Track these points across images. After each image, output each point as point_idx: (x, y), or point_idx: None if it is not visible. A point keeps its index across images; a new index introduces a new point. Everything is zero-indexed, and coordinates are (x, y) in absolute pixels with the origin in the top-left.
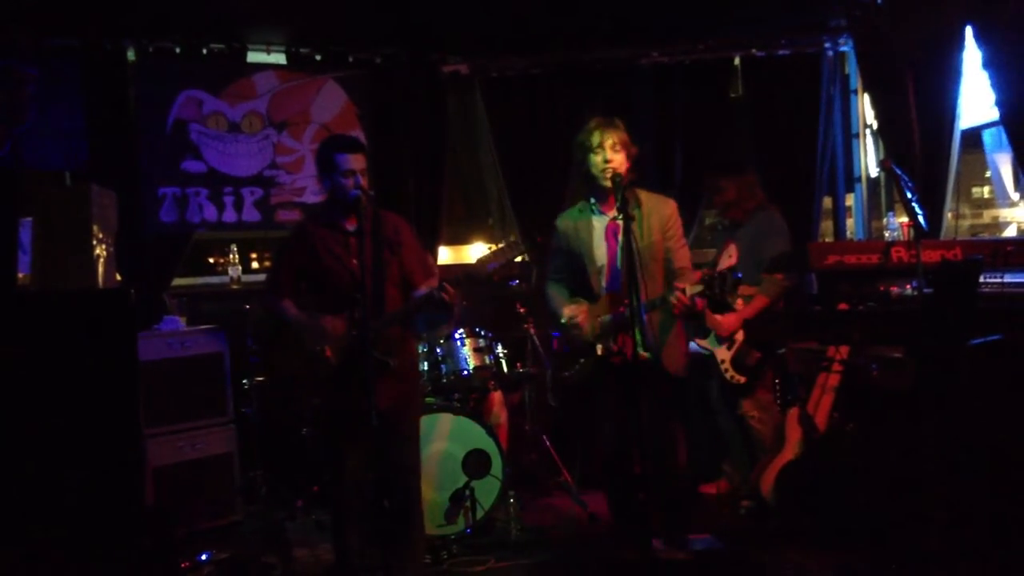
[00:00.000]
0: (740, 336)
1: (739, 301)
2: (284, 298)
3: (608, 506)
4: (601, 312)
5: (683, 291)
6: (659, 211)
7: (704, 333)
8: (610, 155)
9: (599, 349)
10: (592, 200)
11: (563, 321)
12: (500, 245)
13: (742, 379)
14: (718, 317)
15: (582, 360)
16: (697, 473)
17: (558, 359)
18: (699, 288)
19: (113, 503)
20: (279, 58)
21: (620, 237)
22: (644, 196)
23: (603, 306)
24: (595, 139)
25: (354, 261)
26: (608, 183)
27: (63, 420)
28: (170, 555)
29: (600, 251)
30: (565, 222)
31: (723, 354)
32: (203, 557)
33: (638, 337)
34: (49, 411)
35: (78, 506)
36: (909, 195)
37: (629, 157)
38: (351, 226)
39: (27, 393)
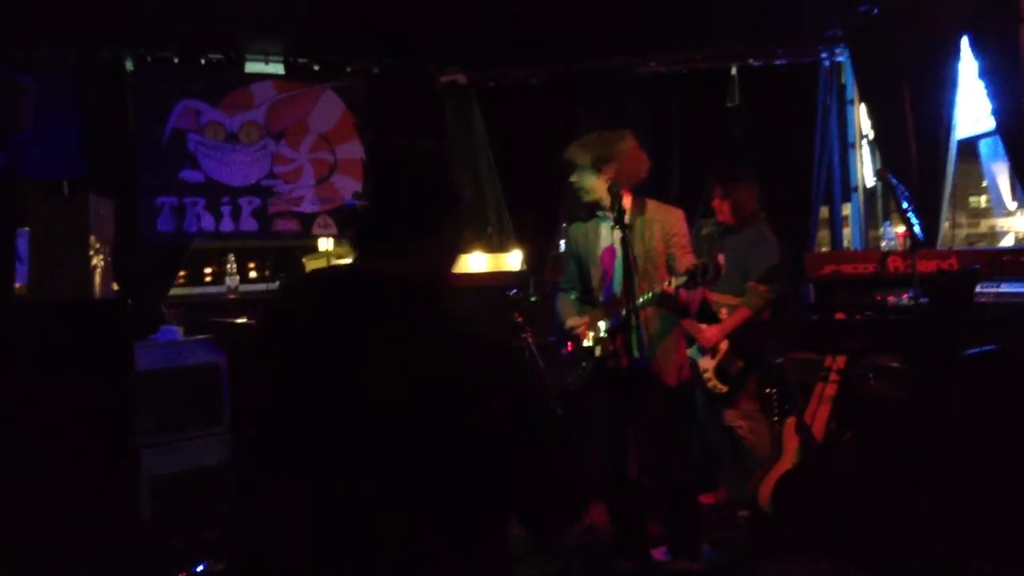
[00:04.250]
0: (724, 346)
1: (723, 311)
2: None
3: (608, 514)
4: (601, 317)
5: (669, 283)
6: (662, 219)
7: (688, 343)
8: (572, 178)
9: (597, 351)
10: (601, 209)
11: (566, 329)
12: None
13: (724, 388)
14: (702, 327)
15: (583, 364)
16: (694, 483)
17: (564, 367)
18: (683, 279)
19: (108, 514)
20: (277, 68)
21: (617, 245)
22: (651, 205)
23: (603, 312)
24: None
25: None
26: (584, 200)
27: (59, 430)
28: (166, 566)
29: (600, 255)
30: (576, 228)
31: (707, 363)
32: (199, 568)
33: (633, 339)
34: (45, 421)
35: (72, 517)
36: (905, 205)
37: (602, 170)
38: None
39: (22, 403)
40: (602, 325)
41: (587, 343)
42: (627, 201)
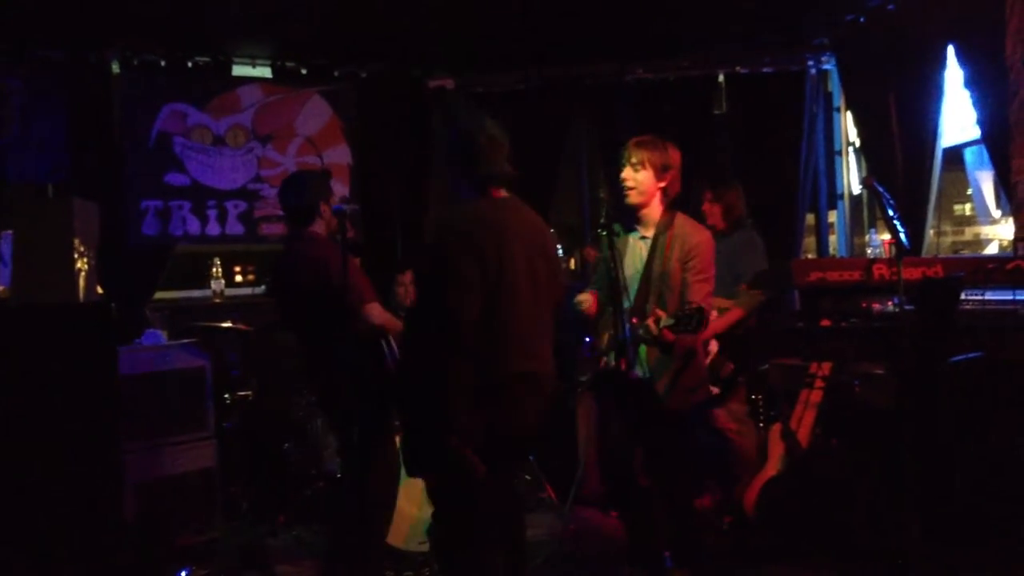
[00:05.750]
0: (714, 347)
1: (713, 312)
2: None
3: (621, 521)
4: (612, 328)
5: (656, 321)
6: (685, 239)
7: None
8: (627, 173)
9: (602, 362)
10: (638, 221)
11: (574, 302)
12: None
13: (715, 390)
14: None
15: (598, 358)
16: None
17: (583, 364)
18: (670, 322)
19: (92, 518)
20: (264, 72)
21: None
22: (680, 221)
23: (614, 323)
24: (624, 156)
25: None
26: (627, 201)
27: (42, 434)
28: (149, 571)
29: (626, 269)
30: (619, 237)
31: None
32: (183, 573)
33: (636, 356)
34: (28, 425)
35: (56, 521)
36: (891, 212)
37: (662, 177)
38: None
39: (5, 407)
40: (609, 337)
41: (600, 348)
42: (658, 213)
